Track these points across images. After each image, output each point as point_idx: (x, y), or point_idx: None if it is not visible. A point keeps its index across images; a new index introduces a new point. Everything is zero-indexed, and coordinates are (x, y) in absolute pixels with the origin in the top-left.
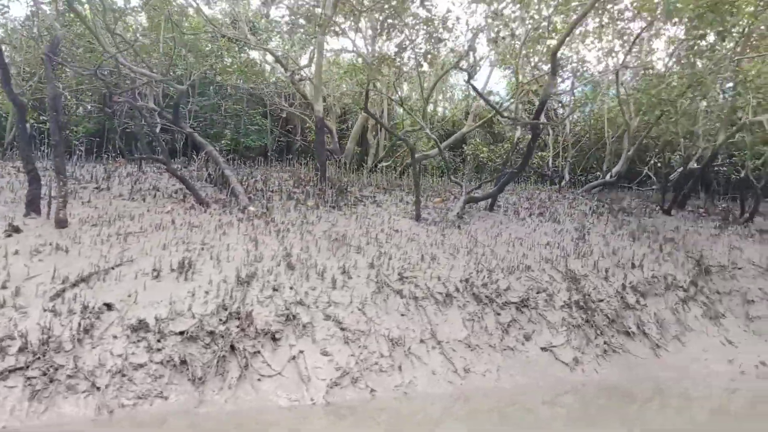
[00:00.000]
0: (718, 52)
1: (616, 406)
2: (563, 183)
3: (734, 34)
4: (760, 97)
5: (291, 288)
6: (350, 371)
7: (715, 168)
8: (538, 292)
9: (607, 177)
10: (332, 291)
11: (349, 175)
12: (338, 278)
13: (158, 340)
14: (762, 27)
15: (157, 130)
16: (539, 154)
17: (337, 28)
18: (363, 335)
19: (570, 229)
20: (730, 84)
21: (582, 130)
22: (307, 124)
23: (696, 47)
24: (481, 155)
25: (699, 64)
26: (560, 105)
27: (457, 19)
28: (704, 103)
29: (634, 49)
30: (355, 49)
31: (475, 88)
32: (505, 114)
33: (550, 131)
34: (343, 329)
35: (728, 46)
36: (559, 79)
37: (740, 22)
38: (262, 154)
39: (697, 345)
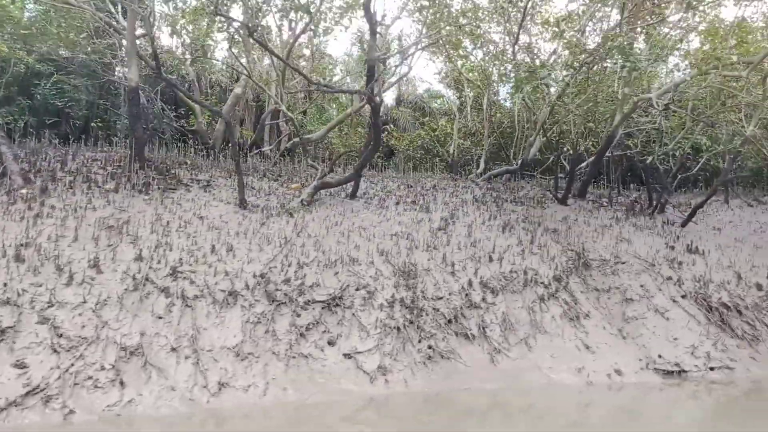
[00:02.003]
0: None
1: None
2: (478, 171)
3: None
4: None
5: (4, 285)
6: (47, 387)
7: (643, 157)
8: (357, 289)
9: (513, 165)
10: (65, 288)
11: (205, 158)
12: (82, 273)
13: None
14: None
15: None
16: (459, 142)
17: None
18: (85, 343)
19: (435, 219)
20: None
21: (502, 118)
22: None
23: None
24: (391, 142)
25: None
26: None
27: None
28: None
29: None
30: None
31: (258, 41)
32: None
33: (457, 116)
34: (60, 335)
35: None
36: (493, 66)
37: None
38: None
39: (546, 350)
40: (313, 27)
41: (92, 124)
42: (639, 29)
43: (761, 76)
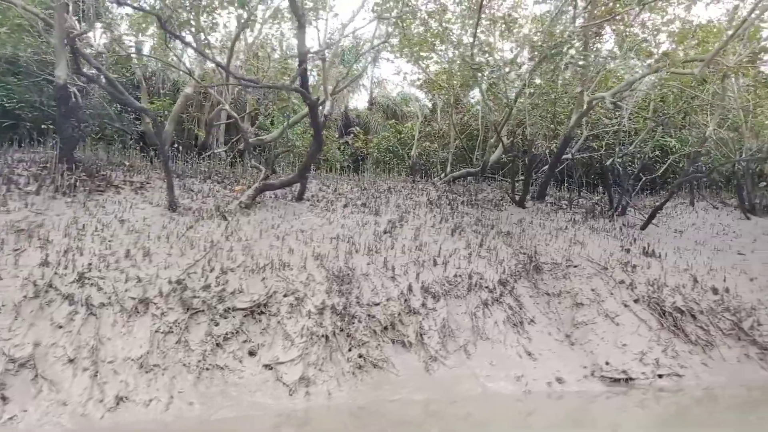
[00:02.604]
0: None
1: None
2: (442, 174)
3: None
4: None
5: None
6: None
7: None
8: (285, 295)
9: (475, 167)
10: None
11: (149, 160)
12: None
13: None
14: None
15: None
16: (426, 144)
17: None
18: None
19: (383, 222)
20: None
21: (469, 120)
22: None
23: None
24: (356, 144)
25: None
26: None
27: None
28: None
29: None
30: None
31: (171, 33)
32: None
33: (419, 118)
34: None
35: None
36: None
37: None
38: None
39: (485, 357)
40: (250, 22)
41: (42, 126)
42: (602, 29)
43: (721, 75)
